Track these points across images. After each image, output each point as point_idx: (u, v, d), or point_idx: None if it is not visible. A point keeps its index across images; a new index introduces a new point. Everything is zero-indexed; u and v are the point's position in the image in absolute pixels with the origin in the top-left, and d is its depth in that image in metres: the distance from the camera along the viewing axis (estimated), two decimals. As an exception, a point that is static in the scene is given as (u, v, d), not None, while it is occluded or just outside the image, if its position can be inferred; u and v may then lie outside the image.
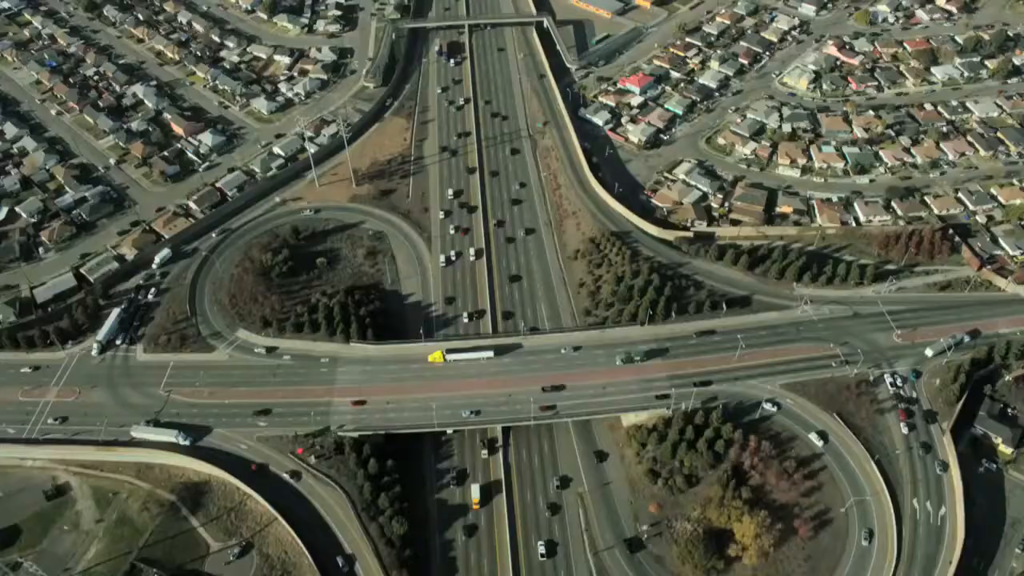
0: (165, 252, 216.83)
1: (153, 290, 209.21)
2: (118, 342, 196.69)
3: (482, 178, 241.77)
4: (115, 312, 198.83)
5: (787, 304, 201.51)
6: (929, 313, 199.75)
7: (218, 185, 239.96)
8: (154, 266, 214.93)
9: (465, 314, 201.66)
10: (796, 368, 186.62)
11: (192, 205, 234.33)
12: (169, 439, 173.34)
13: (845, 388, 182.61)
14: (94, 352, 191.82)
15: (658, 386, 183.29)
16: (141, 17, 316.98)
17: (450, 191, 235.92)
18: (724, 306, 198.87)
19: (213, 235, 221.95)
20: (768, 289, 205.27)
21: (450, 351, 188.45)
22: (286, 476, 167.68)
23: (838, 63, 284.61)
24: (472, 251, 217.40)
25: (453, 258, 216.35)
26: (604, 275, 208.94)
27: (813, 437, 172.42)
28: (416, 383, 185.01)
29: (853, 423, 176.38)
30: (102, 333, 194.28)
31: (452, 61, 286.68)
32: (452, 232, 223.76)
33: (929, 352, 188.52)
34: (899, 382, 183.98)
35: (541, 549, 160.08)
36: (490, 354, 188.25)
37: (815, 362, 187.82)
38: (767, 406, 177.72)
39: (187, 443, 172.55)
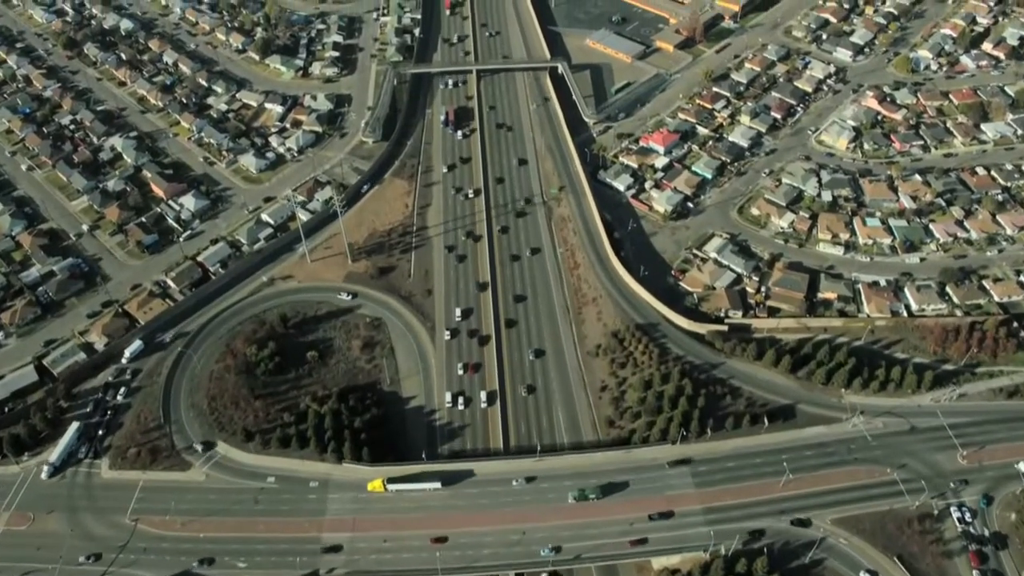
0: (137, 344, 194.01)
1: (123, 389, 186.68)
2: (81, 455, 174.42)
3: (495, 295, 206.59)
4: (73, 427, 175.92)
5: (835, 416, 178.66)
6: (996, 427, 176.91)
7: (200, 259, 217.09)
8: (124, 360, 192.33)
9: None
10: (849, 498, 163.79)
11: (171, 283, 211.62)
12: None
13: (906, 524, 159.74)
14: (44, 475, 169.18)
15: (692, 521, 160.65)
16: (124, 57, 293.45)
17: (458, 310, 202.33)
18: (766, 420, 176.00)
19: (167, 338, 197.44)
20: (814, 397, 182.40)
21: (391, 480, 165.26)
22: None
23: (879, 118, 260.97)
24: (484, 396, 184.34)
25: (462, 404, 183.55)
26: (629, 378, 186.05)
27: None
28: (417, 515, 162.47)
29: (917, 569, 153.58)
30: (56, 453, 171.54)
31: (460, 133, 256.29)
32: (460, 372, 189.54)
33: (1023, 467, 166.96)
34: (968, 516, 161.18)
35: None
36: (437, 485, 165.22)
37: (870, 491, 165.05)
38: None
39: None
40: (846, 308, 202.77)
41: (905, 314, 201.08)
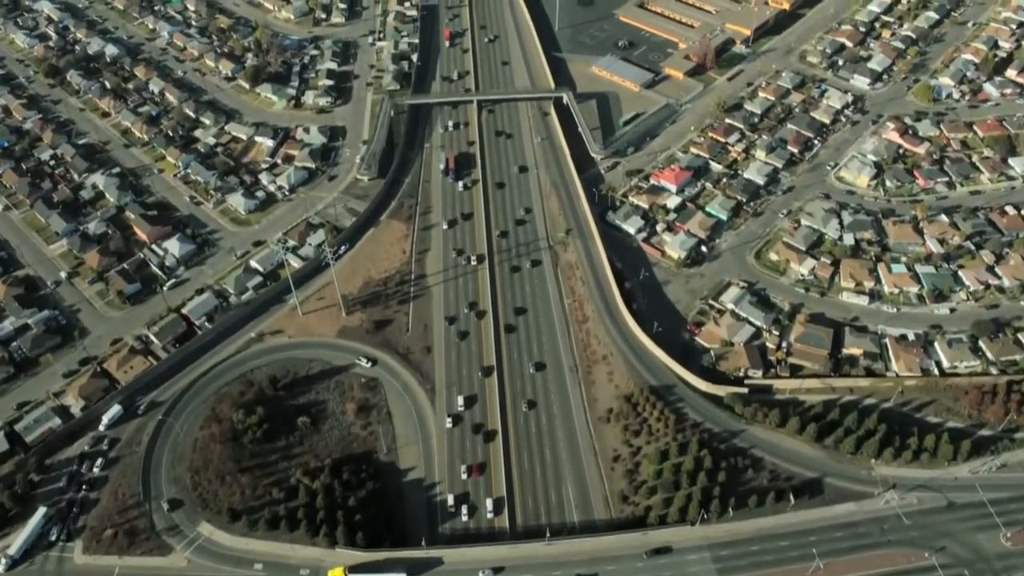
0: (116, 409, 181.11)
1: (100, 461, 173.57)
2: (53, 536, 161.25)
3: (501, 388, 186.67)
4: (40, 513, 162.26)
5: (866, 491, 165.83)
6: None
7: (184, 311, 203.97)
8: (102, 427, 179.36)
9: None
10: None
11: (153, 338, 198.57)
12: None
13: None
14: (1, 568, 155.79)
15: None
16: (108, 85, 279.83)
17: (460, 398, 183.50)
18: (791, 496, 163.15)
19: (141, 408, 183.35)
20: (842, 469, 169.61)
21: (352, 569, 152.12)
22: None
23: (901, 151, 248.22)
24: (490, 503, 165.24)
25: (465, 514, 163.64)
26: (644, 447, 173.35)
27: None
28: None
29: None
30: (16, 544, 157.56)
31: (461, 184, 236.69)
32: (464, 475, 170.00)
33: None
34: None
35: None
36: (403, 575, 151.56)
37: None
38: None
39: None
40: (873, 365, 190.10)
41: (936, 372, 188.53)
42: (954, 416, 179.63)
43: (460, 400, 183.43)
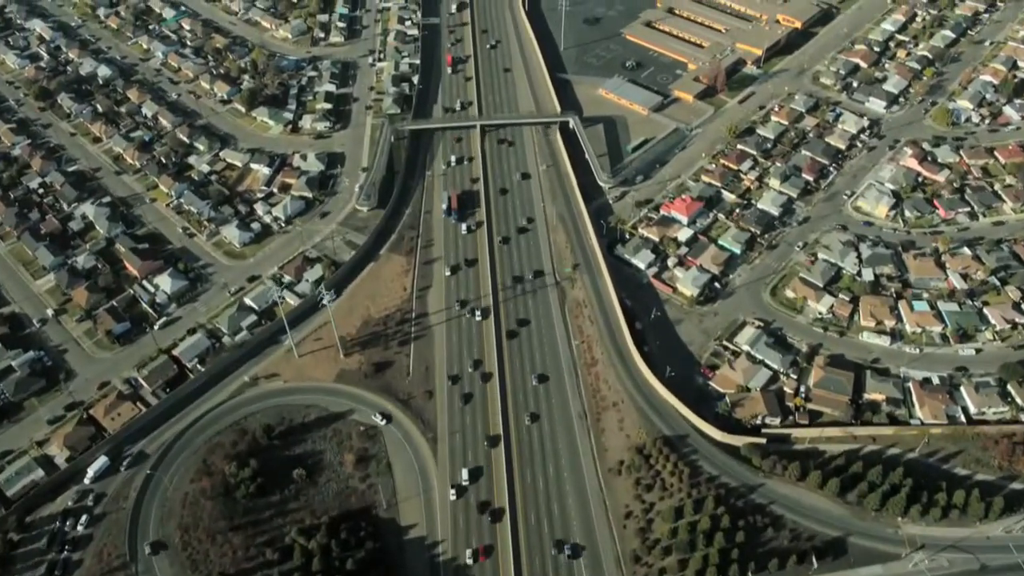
0: (102, 461, 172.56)
1: (84, 517, 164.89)
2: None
3: (508, 452, 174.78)
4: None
5: (893, 552, 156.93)
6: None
7: (175, 352, 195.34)
8: (87, 480, 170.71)
9: None
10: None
11: (143, 381, 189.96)
12: None
13: None
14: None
15: None
16: (100, 109, 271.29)
17: (464, 471, 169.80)
18: (814, 559, 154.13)
19: (121, 469, 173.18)
20: (867, 527, 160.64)
21: None
22: None
23: (920, 179, 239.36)
24: None
25: None
26: (657, 503, 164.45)
27: None
28: None
29: None
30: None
31: (465, 227, 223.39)
32: (470, 559, 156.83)
33: None
34: None
35: None
36: None
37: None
38: None
39: None
40: (896, 412, 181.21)
41: (963, 419, 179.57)
42: (984, 468, 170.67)
43: (465, 473, 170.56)
